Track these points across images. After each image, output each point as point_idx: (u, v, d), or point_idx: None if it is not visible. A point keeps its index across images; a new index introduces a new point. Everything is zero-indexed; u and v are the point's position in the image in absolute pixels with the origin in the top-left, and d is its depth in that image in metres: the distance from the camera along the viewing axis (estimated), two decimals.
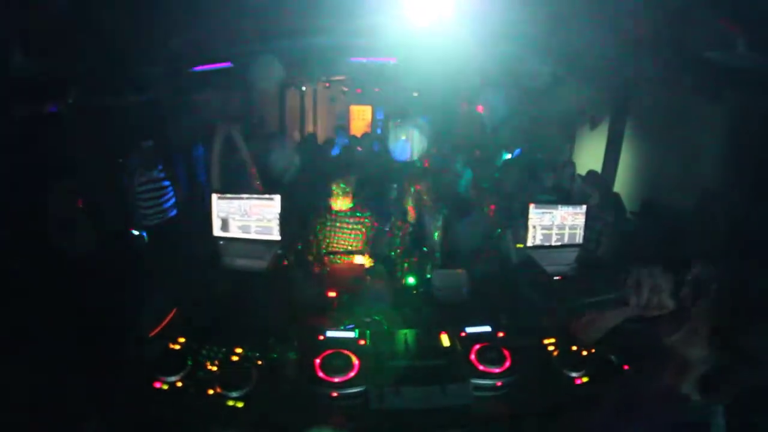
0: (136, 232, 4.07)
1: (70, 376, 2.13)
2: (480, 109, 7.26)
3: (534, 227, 2.71)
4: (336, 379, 1.77)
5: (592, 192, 3.75)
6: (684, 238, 4.35)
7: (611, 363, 2.01)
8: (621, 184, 5.26)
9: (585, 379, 1.94)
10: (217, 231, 2.43)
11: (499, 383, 1.87)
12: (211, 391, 1.79)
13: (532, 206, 2.70)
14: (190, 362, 1.91)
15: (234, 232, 2.42)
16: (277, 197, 2.35)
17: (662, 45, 3.74)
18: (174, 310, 2.37)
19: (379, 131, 6.05)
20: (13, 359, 2.35)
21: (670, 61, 3.97)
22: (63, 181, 2.92)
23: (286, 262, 2.48)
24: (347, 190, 3.02)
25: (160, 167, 4.20)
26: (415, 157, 5.76)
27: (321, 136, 7.58)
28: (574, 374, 1.95)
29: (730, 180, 4.28)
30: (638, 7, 3.34)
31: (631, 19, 3.52)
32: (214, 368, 1.90)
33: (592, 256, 3.54)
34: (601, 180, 3.89)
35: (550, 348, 2.12)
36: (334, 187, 3.00)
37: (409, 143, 6.09)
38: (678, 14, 3.18)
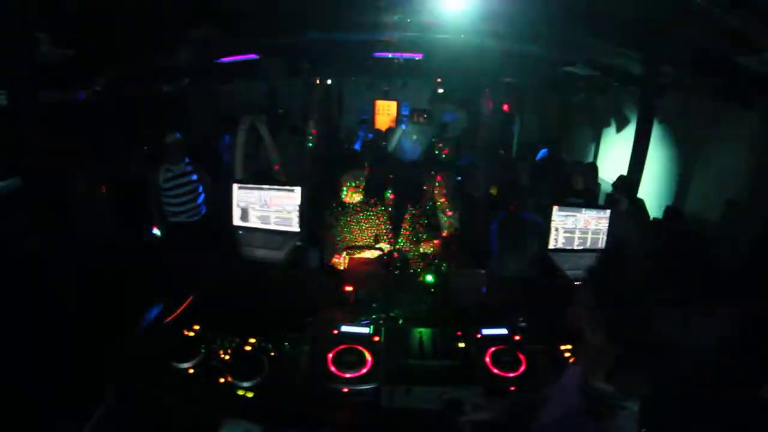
0: (157, 232, 3.81)
1: (86, 353, 2.18)
2: (505, 107, 7.14)
3: (557, 229, 2.63)
4: (348, 375, 1.75)
5: (621, 198, 3.63)
6: (708, 247, 4.20)
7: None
8: (645, 189, 5.11)
9: None
10: (236, 220, 2.44)
11: (512, 387, 1.82)
12: (222, 380, 1.79)
13: (555, 208, 2.61)
14: (203, 350, 1.92)
15: (253, 222, 2.42)
16: (298, 189, 2.33)
17: (692, 49, 3.60)
18: (190, 298, 2.39)
19: (404, 126, 6.00)
20: (28, 342, 2.42)
21: (699, 65, 3.83)
22: (87, 166, 2.97)
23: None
24: (358, 184, 2.95)
25: (188, 160, 3.89)
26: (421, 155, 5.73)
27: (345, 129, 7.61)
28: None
29: (758, 190, 4.10)
30: (668, 11, 3.23)
31: (660, 22, 3.40)
32: (227, 357, 1.90)
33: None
34: (631, 186, 3.76)
35: (567, 354, 2.07)
36: (345, 182, 2.94)
37: (419, 142, 6.05)
38: (709, 18, 3.06)
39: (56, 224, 2.62)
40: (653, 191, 5.05)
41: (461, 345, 2.01)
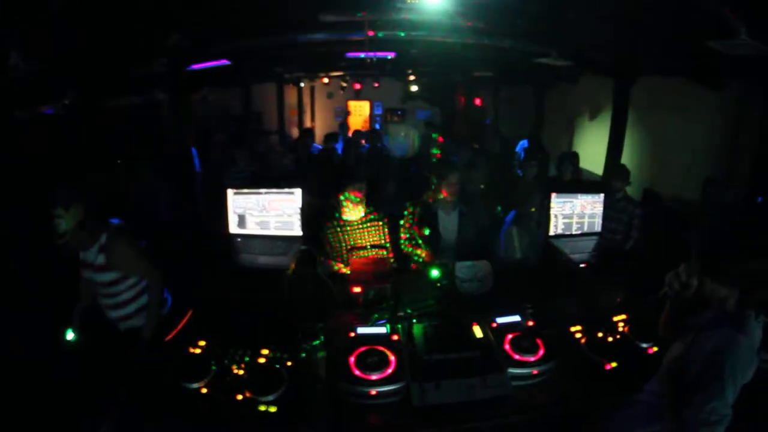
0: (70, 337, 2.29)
1: (82, 385, 2.02)
2: (478, 102, 7.23)
3: (556, 216, 2.68)
4: (373, 377, 1.69)
5: (621, 185, 3.75)
6: (687, 227, 4.37)
7: (637, 348, 2.01)
8: None
9: (614, 365, 1.93)
10: (233, 228, 2.32)
11: (535, 371, 1.83)
12: (240, 397, 1.69)
13: (553, 195, 2.66)
14: (213, 366, 1.81)
15: (252, 229, 2.31)
16: (298, 191, 2.25)
17: (663, 34, 3.73)
18: (189, 312, 2.27)
19: (377, 126, 5.98)
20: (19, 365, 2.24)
21: (670, 50, 3.97)
22: (67, 182, 2.77)
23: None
24: (358, 200, 2.72)
25: (104, 240, 2.26)
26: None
27: (319, 133, 7.48)
28: (603, 360, 1.94)
29: (732, 168, 4.31)
30: None
31: (632, 8, 3.50)
32: (241, 372, 1.80)
33: (619, 248, 3.49)
34: (628, 173, 3.92)
35: (578, 335, 2.11)
36: (343, 198, 2.68)
37: (408, 139, 6.07)
38: (680, 2, 3.17)
39: (36, 245, 2.44)
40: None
41: (479, 335, 1.99)
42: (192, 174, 4.31)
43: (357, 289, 2.23)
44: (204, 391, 1.73)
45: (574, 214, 2.72)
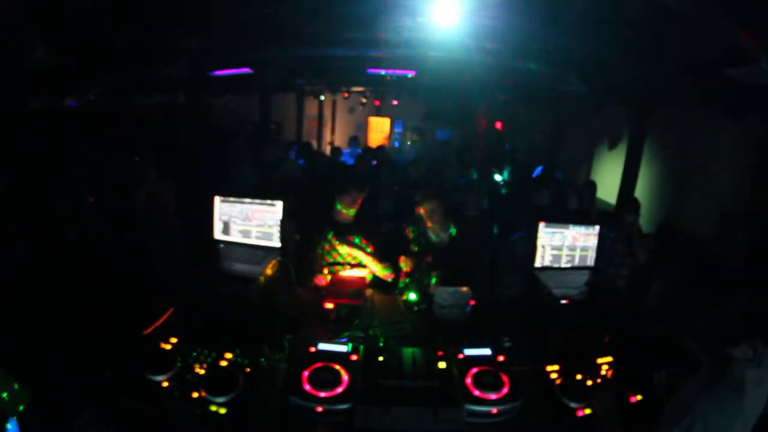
0: None
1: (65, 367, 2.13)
2: (498, 125, 7.18)
3: (543, 247, 2.60)
4: (322, 394, 1.70)
5: (631, 218, 3.63)
6: (704, 263, 4.17)
7: (619, 394, 1.90)
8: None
9: (587, 411, 1.83)
10: (218, 234, 2.41)
11: (494, 410, 1.75)
12: (195, 394, 1.76)
13: (541, 225, 2.58)
14: (179, 363, 1.89)
15: (234, 236, 2.39)
16: (279, 203, 2.31)
17: (682, 62, 3.63)
18: (170, 310, 2.35)
19: (396, 144, 6.01)
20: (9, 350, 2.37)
21: (689, 78, 3.85)
22: (76, 175, 2.94)
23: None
24: (352, 205, 2.86)
25: None
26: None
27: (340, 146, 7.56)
28: (575, 405, 1.84)
29: (751, 202, 4.11)
30: (659, 24, 3.25)
31: (651, 35, 3.42)
32: (202, 371, 1.87)
33: (610, 283, 3.33)
34: (637, 206, 3.80)
35: (553, 375, 2.02)
36: (342, 203, 2.83)
37: (413, 147, 6.08)
38: (699, 30, 3.08)
39: (45, 232, 2.59)
40: (644, 206, 5.05)
41: (442, 365, 1.96)
42: (198, 176, 4.44)
43: (329, 305, 2.25)
44: (165, 384, 1.81)
45: (564, 246, 2.63)
